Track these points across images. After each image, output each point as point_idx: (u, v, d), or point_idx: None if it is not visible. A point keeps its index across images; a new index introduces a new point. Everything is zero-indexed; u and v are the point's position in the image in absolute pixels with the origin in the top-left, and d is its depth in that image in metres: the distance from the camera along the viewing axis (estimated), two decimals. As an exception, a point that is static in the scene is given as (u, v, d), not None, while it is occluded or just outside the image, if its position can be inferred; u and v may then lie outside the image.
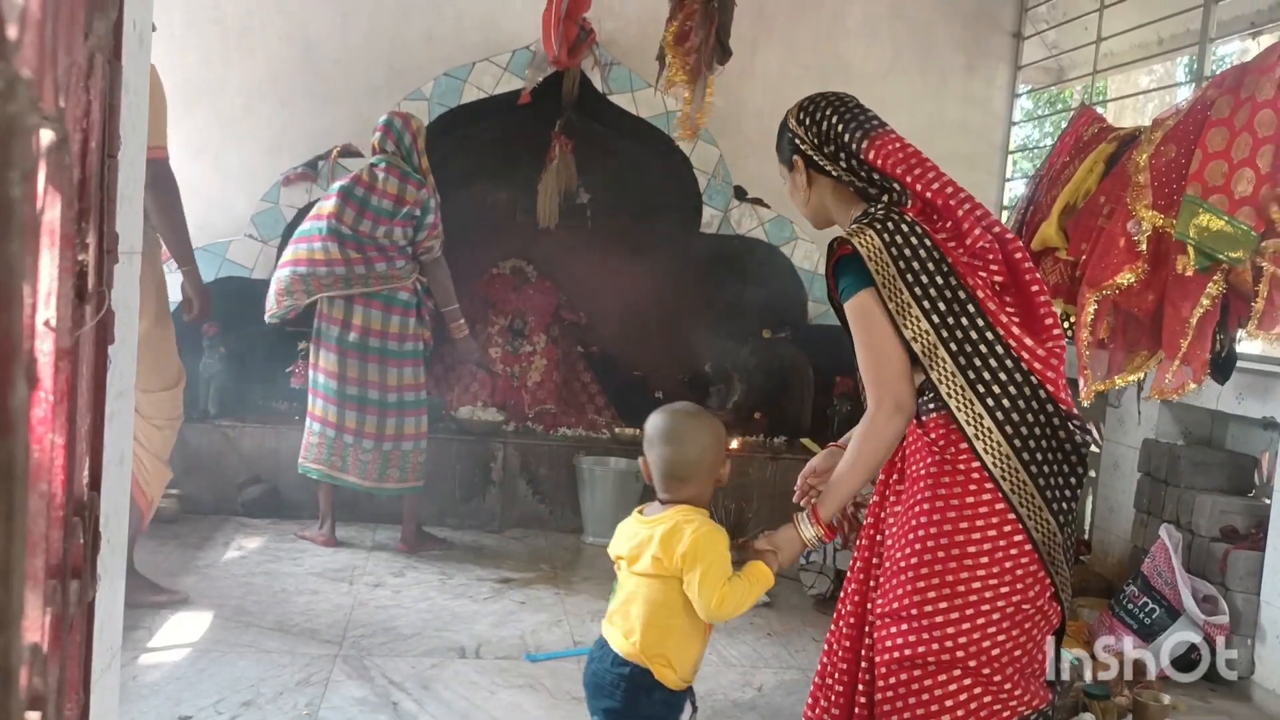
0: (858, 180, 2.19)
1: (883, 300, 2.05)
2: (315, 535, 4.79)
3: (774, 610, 4.32)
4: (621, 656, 2.12)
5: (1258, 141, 3.31)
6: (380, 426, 4.61)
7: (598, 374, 6.04)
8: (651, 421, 2.25)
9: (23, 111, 0.43)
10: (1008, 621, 2.03)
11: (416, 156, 4.71)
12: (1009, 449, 2.03)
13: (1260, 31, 4.60)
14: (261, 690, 3.17)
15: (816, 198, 2.28)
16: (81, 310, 0.69)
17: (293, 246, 4.65)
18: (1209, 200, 3.34)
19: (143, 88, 1.01)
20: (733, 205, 5.69)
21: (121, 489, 1.12)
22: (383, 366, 4.60)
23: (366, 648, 3.58)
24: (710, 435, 2.20)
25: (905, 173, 2.15)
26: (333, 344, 4.60)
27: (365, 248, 4.55)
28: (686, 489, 2.16)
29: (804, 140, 2.25)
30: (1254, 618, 3.74)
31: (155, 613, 3.72)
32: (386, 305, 4.59)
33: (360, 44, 5.77)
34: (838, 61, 6.23)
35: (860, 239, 2.07)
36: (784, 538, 2.15)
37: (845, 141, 2.19)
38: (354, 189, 4.60)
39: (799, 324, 5.83)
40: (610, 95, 5.55)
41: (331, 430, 4.61)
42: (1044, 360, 2.05)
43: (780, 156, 2.34)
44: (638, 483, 5.19)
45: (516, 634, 3.82)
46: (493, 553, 4.85)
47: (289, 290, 4.59)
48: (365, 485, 4.67)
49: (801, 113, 2.29)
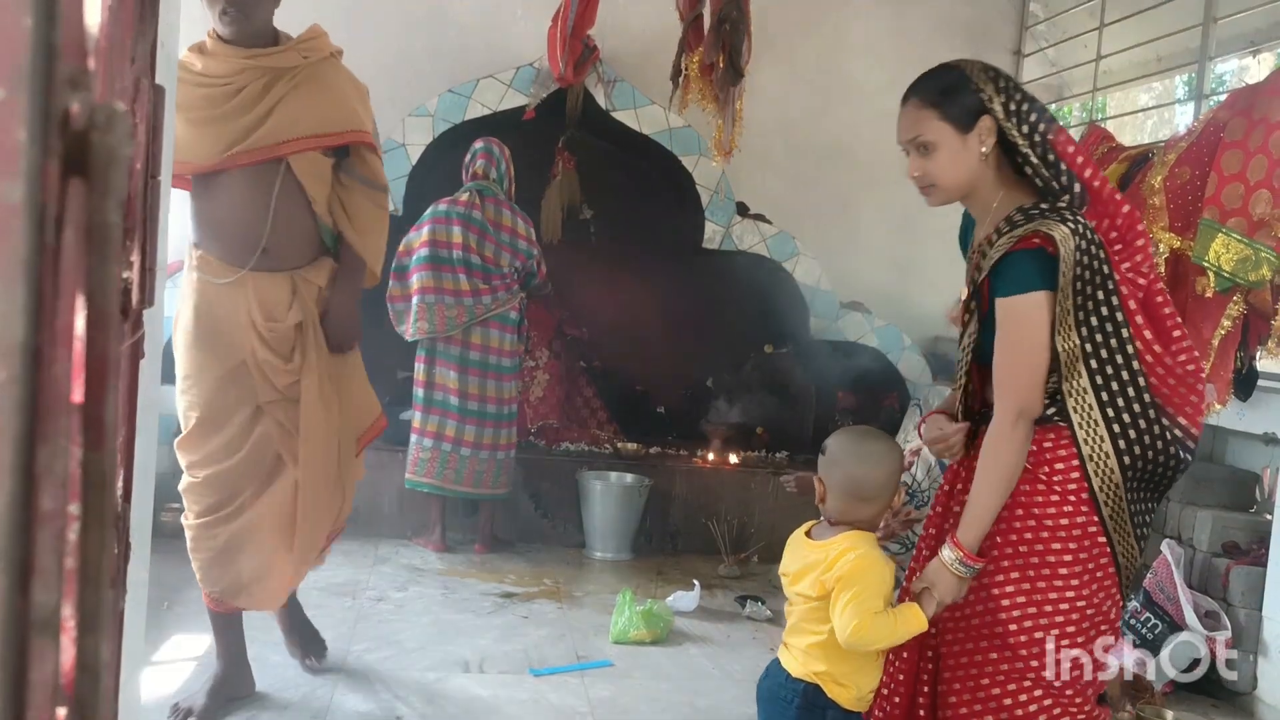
0: (1045, 168, 2.02)
1: (1054, 308, 1.95)
2: (429, 542, 5.02)
3: (776, 625, 4.32)
4: (793, 676, 2.13)
5: (1273, 163, 3.34)
6: (495, 438, 4.94)
7: (600, 389, 6.05)
8: (838, 441, 2.21)
9: (120, 143, 0.45)
10: (1083, 637, 2.02)
11: (509, 184, 5.03)
12: (1119, 477, 1.99)
13: (1259, 49, 4.64)
14: (266, 705, 3.17)
15: (982, 169, 2.06)
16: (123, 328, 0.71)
17: (432, 274, 4.80)
18: (1227, 224, 3.37)
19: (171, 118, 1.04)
20: (735, 221, 5.72)
21: (146, 501, 1.14)
22: (499, 382, 4.94)
23: (370, 662, 3.58)
24: (896, 459, 2.18)
25: (1086, 165, 2.03)
26: (453, 363, 4.87)
27: (491, 277, 4.89)
28: (864, 510, 2.14)
29: (1000, 105, 2.02)
30: (1256, 633, 3.75)
31: (159, 627, 3.72)
32: (501, 325, 4.94)
33: (365, 61, 5.76)
34: (840, 78, 6.27)
35: (1059, 233, 1.93)
36: (932, 571, 2.05)
37: (1041, 125, 2.02)
38: (470, 214, 4.85)
39: (801, 339, 5.86)
40: (614, 112, 5.59)
41: (448, 444, 4.87)
42: (1176, 376, 2.00)
43: (947, 114, 2.05)
44: (640, 497, 5.20)
45: (520, 648, 3.83)
46: (495, 567, 4.85)
47: (429, 318, 4.81)
48: (474, 493, 4.98)
49: (992, 75, 2.06)
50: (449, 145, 5.46)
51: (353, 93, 3.11)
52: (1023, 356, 1.99)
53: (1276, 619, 3.69)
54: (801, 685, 2.11)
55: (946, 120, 2.05)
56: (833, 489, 2.16)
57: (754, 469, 5.53)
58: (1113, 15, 5.51)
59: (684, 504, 5.39)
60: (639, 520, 5.24)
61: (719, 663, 3.85)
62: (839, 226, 6.25)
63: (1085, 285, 1.96)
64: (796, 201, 6.13)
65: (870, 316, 5.79)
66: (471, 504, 5.16)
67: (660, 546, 5.37)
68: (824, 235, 6.11)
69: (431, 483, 4.91)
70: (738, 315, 5.90)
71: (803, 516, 4.66)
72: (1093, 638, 2.04)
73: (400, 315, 4.90)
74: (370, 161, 3.10)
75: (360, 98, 3.15)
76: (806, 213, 6.13)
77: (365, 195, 3.08)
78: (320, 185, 3.00)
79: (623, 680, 3.61)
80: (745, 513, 5.36)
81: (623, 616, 3.98)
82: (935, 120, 2.06)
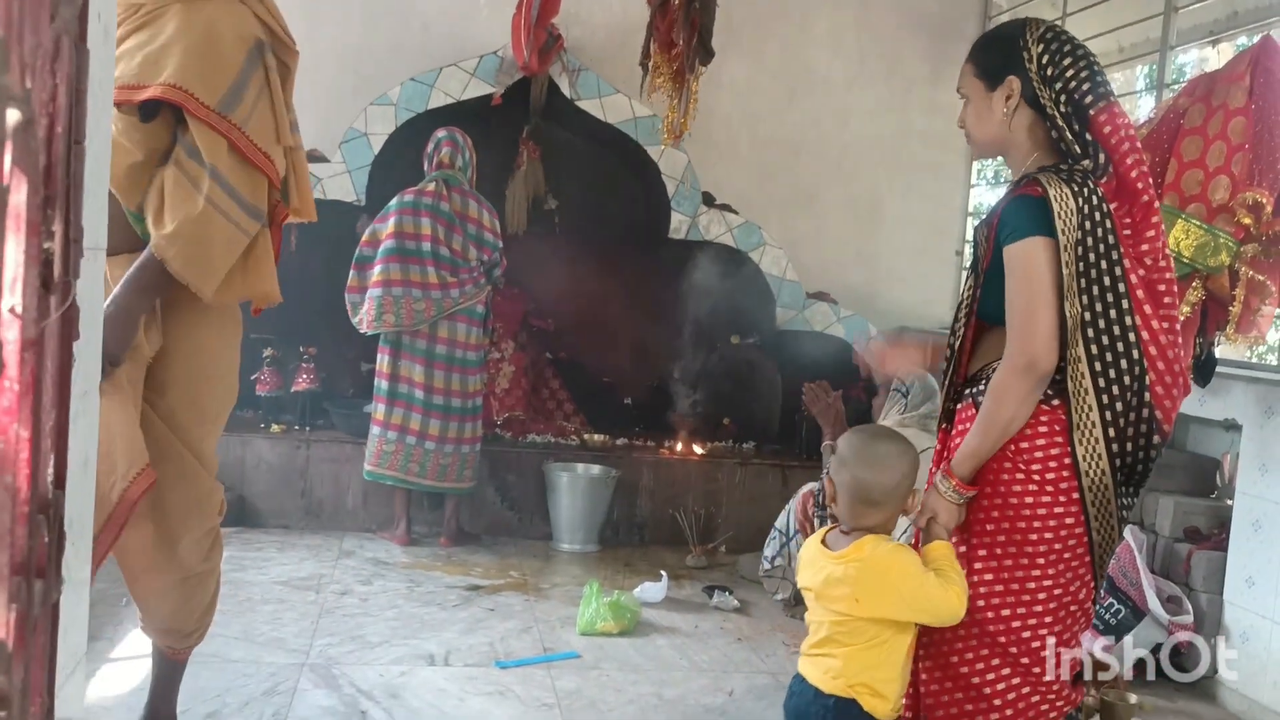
0: (1069, 132, 2.03)
1: (1056, 257, 1.96)
2: (393, 536, 4.99)
3: (744, 615, 4.33)
4: (823, 691, 2.06)
5: (1232, 149, 3.36)
6: (459, 431, 4.90)
7: (566, 380, 6.03)
8: (847, 442, 2.14)
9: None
10: (1051, 617, 2.03)
11: (472, 172, 5.00)
12: (1107, 464, 2.02)
13: (1219, 39, 4.68)
14: (227, 700, 3.12)
15: (1010, 127, 2.08)
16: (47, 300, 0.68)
17: (400, 266, 4.74)
18: (1187, 210, 3.39)
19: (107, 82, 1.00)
20: (701, 211, 5.70)
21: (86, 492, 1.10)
22: (464, 376, 4.90)
23: (334, 656, 3.54)
24: (908, 462, 2.09)
25: (1128, 152, 2.03)
26: (420, 356, 4.82)
27: (459, 270, 4.84)
28: (874, 516, 2.07)
29: (1036, 67, 2.04)
30: (1218, 617, 3.79)
31: (116, 623, 3.66)
32: (469, 319, 4.90)
33: (326, 50, 5.73)
34: (804, 71, 6.27)
35: (1056, 190, 1.95)
36: (931, 500, 2.07)
37: (1078, 95, 2.03)
38: (439, 205, 4.80)
39: (767, 330, 5.86)
40: (578, 101, 5.55)
41: (412, 437, 4.82)
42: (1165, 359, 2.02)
43: (980, 69, 2.12)
44: (606, 489, 5.18)
45: (486, 641, 3.80)
46: (461, 560, 4.82)
47: (396, 311, 4.74)
48: (439, 486, 4.94)
49: (1049, 37, 2.07)
50: (412, 134, 5.41)
51: (199, 42, 2.27)
52: (1028, 299, 1.98)
53: (1237, 603, 3.73)
54: (832, 701, 2.04)
55: (977, 75, 2.12)
56: (841, 491, 2.10)
57: (721, 460, 5.53)
58: (1075, 5, 5.54)
59: (651, 495, 5.38)
60: (606, 512, 5.22)
61: (686, 653, 3.84)
62: (805, 217, 6.26)
63: (1088, 252, 1.97)
64: (762, 192, 6.13)
65: (836, 307, 5.80)
66: (437, 497, 5.12)
67: (627, 538, 5.36)
68: (790, 226, 6.12)
69: (394, 475, 4.86)
70: (704, 306, 5.88)
71: (771, 508, 4.68)
72: (1063, 620, 2.05)
73: (355, 307, 4.83)
74: (202, 136, 2.26)
75: (208, 51, 2.27)
76: (772, 203, 6.13)
77: (182, 177, 2.27)
78: (120, 154, 2.21)
79: (590, 672, 3.59)
80: (712, 503, 5.36)
81: (590, 608, 3.96)
82: (970, 74, 2.14)
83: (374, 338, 4.89)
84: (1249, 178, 3.35)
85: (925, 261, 6.47)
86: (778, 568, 4.43)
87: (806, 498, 4.37)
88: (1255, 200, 3.33)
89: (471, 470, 4.98)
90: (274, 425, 5.29)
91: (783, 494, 4.74)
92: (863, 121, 6.34)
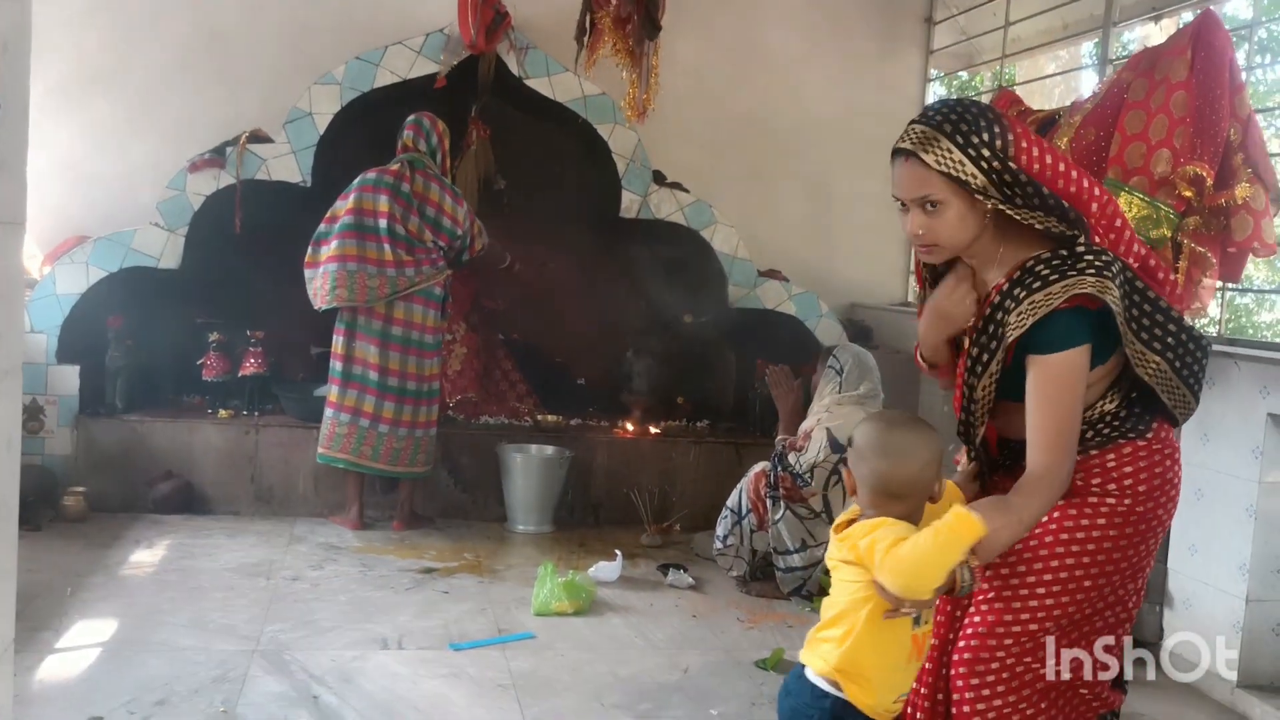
0: (1047, 214, 1.98)
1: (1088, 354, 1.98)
2: (346, 520, 4.94)
3: (699, 593, 4.34)
4: (821, 688, 2.00)
5: (1173, 122, 3.40)
6: (414, 415, 4.84)
7: (519, 361, 5.99)
8: (863, 432, 2.04)
9: None
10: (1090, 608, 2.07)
11: (441, 157, 4.97)
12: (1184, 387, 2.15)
13: (1161, 15, 4.73)
14: (175, 688, 3.08)
15: (985, 231, 2.03)
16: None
17: (356, 241, 4.67)
18: (1129, 183, 3.42)
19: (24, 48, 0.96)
20: (652, 190, 5.67)
21: (10, 474, 1.07)
22: (420, 359, 4.84)
23: (285, 642, 3.50)
24: (930, 450, 1.99)
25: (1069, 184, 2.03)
26: (374, 338, 4.76)
27: (415, 249, 4.78)
28: (896, 507, 1.97)
29: (994, 164, 1.97)
30: (1161, 585, 3.86)
31: (62, 614, 3.59)
32: (425, 301, 4.83)
33: (269, 28, 5.63)
34: (754, 49, 6.26)
35: (1104, 293, 1.93)
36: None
37: (1033, 161, 2.00)
38: (399, 185, 4.77)
39: (720, 308, 5.85)
40: (527, 80, 5.49)
41: (366, 420, 4.76)
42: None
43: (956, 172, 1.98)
44: (560, 469, 5.16)
45: (440, 624, 3.78)
46: (414, 543, 4.78)
47: (349, 286, 4.67)
48: (393, 470, 4.87)
49: (961, 132, 1.98)
50: (358, 114, 5.33)
51: None
52: (1067, 412, 1.98)
53: (1181, 571, 3.80)
54: (829, 701, 1.98)
55: (953, 181, 1.98)
56: (861, 485, 2.01)
57: (675, 438, 5.53)
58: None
59: (605, 475, 5.37)
60: (560, 493, 5.20)
61: (642, 631, 3.85)
62: (755, 195, 6.26)
63: (1133, 309, 2.03)
64: (713, 170, 6.11)
65: (788, 285, 5.81)
66: (390, 481, 5.07)
67: (582, 518, 5.35)
68: (741, 203, 6.11)
69: (347, 458, 4.80)
70: (656, 285, 5.86)
71: (725, 486, 4.69)
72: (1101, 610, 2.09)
73: (309, 282, 4.76)
74: None
75: None
76: (723, 181, 6.12)
77: None
78: None
79: (544, 652, 3.59)
80: (667, 482, 5.36)
81: (544, 589, 3.95)
82: (941, 181, 1.99)
83: (329, 319, 4.82)
84: (1190, 151, 3.39)
85: (876, 239, 6.49)
86: (730, 546, 4.44)
87: (759, 477, 4.38)
88: (1196, 174, 3.37)
89: (426, 455, 4.93)
90: (221, 411, 5.21)
91: (737, 472, 4.75)
92: (814, 98, 6.35)
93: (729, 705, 3.24)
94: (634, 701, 3.22)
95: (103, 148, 5.48)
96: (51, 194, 5.29)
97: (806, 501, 4.20)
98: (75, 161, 5.40)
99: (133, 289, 5.12)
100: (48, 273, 5.01)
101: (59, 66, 5.32)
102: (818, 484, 4.19)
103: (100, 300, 5.05)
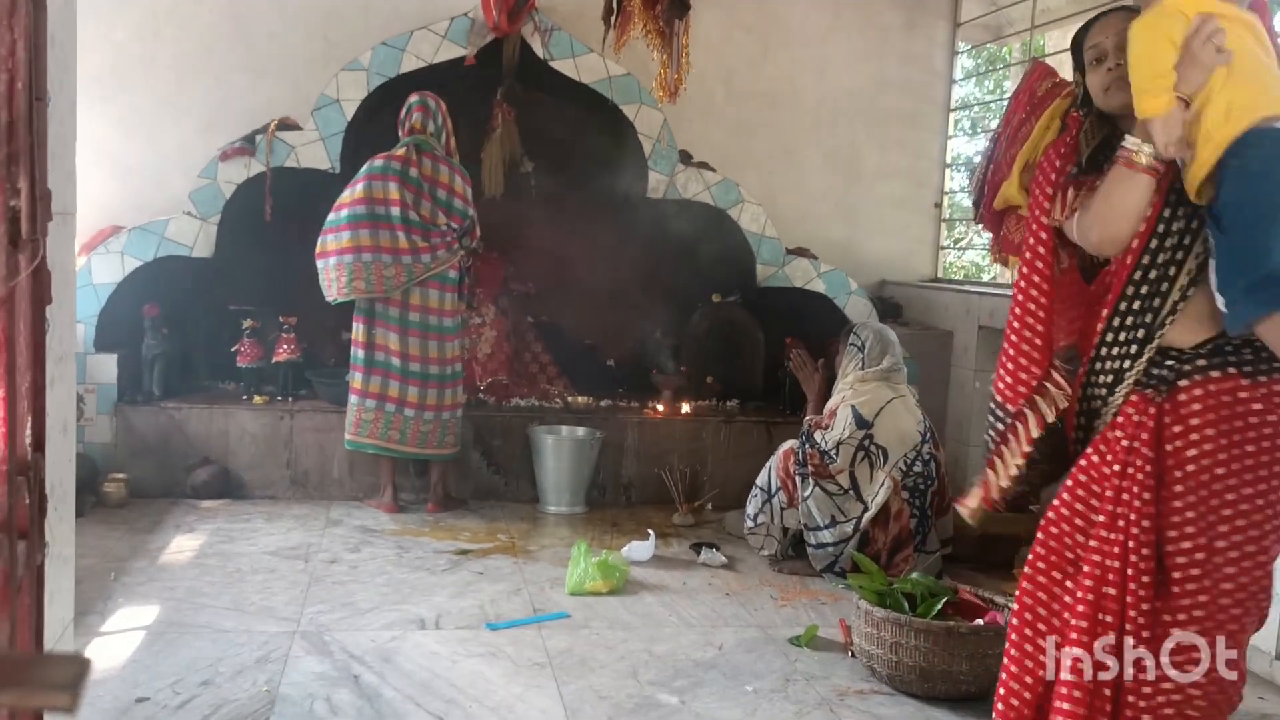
0: None
1: None
2: (380, 504, 4.99)
3: (731, 571, 4.36)
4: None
5: None
6: (439, 398, 4.88)
7: (548, 344, 6.02)
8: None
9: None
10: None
11: (446, 137, 4.95)
12: None
13: None
14: (220, 669, 3.13)
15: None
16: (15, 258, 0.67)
17: (370, 232, 4.68)
18: None
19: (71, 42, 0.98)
20: (678, 170, 5.67)
21: (67, 457, 1.09)
22: (441, 342, 4.88)
23: (325, 623, 3.55)
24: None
25: None
26: (394, 324, 4.80)
27: (430, 234, 4.79)
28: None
29: None
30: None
31: (106, 598, 3.66)
32: (441, 284, 4.85)
33: (295, 15, 5.66)
34: (778, 23, 6.22)
35: None
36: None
37: None
38: (407, 171, 4.77)
39: (748, 287, 5.85)
40: (552, 61, 5.50)
41: (391, 405, 4.82)
42: None
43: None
44: (591, 450, 5.19)
45: (476, 604, 3.82)
46: (449, 525, 4.83)
47: (366, 277, 4.69)
48: (421, 453, 4.93)
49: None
50: (385, 99, 5.35)
51: None
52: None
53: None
54: None
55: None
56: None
57: (705, 418, 5.54)
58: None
59: (636, 455, 5.39)
60: (592, 473, 5.23)
61: (675, 609, 3.87)
62: (782, 172, 6.24)
63: None
64: (739, 148, 6.10)
65: (816, 262, 5.79)
66: (422, 464, 5.12)
67: (614, 499, 5.38)
68: (767, 182, 6.10)
69: (375, 443, 4.85)
70: (684, 265, 5.87)
71: (756, 464, 4.70)
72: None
73: (320, 273, 4.77)
74: None
75: None
76: (750, 160, 6.11)
77: None
78: None
79: (580, 630, 3.62)
80: (698, 462, 5.38)
81: (578, 568, 3.99)
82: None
83: (350, 307, 4.85)
84: None
85: (904, 213, 6.46)
86: (760, 525, 4.46)
87: (787, 455, 4.39)
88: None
89: (454, 436, 4.97)
90: (256, 397, 5.27)
91: (767, 450, 4.76)
92: (839, 73, 6.31)
93: (764, 681, 3.26)
94: (670, 678, 3.25)
95: (134, 137, 5.53)
96: (86, 184, 5.33)
97: (834, 478, 4.21)
98: (108, 151, 5.46)
99: (167, 278, 5.19)
100: (84, 263, 5.08)
101: (90, 58, 5.35)
102: (844, 461, 4.20)
103: (136, 289, 5.12)
